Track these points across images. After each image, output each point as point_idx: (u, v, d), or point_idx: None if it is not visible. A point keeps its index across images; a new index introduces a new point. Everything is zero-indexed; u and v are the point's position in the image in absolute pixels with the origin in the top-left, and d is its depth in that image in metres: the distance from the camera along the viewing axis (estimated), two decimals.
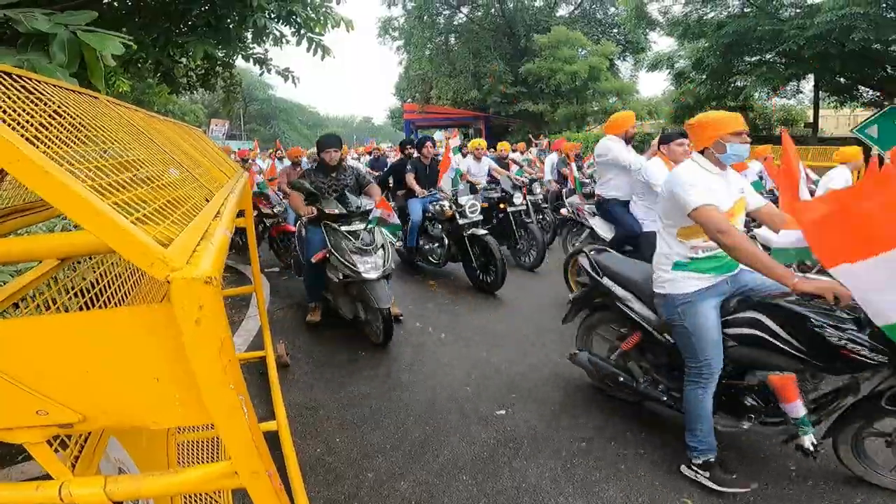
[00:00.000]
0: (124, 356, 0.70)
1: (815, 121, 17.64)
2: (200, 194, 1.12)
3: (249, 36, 4.36)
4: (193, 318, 0.63)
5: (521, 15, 25.25)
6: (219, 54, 4.29)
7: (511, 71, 23.28)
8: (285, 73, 4.69)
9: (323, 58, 4.22)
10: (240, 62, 5.00)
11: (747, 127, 2.19)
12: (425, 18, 25.19)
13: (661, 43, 49.88)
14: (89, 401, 0.71)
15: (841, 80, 15.48)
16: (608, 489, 2.27)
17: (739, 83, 17.09)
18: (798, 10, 14.49)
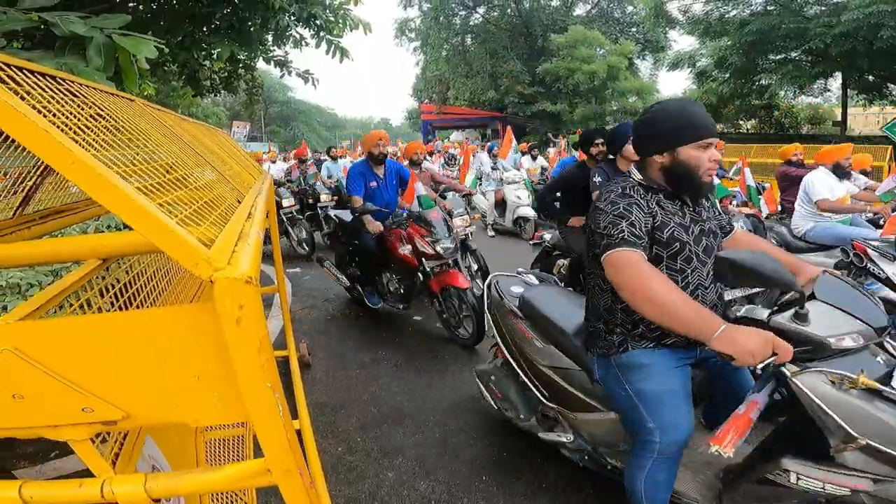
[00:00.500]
0: (166, 355, 0.70)
1: (844, 119, 17.24)
2: (233, 196, 1.13)
3: (270, 38, 4.43)
4: (234, 318, 0.63)
5: (538, 15, 25.15)
6: (242, 56, 4.37)
7: (528, 71, 23.20)
8: (305, 76, 4.75)
9: (341, 60, 4.26)
10: (260, 64, 5.08)
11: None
12: (441, 19, 25.27)
13: (682, 42, 49.19)
14: (133, 398, 0.72)
15: (869, 78, 15.11)
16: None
17: (764, 81, 16.77)
18: (823, 8, 14.16)
